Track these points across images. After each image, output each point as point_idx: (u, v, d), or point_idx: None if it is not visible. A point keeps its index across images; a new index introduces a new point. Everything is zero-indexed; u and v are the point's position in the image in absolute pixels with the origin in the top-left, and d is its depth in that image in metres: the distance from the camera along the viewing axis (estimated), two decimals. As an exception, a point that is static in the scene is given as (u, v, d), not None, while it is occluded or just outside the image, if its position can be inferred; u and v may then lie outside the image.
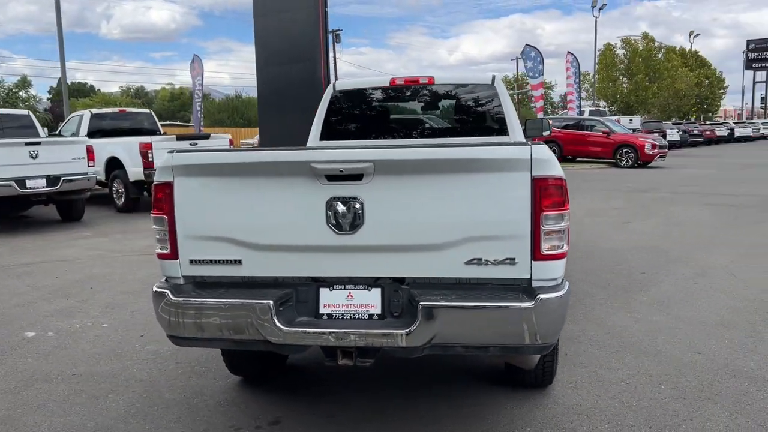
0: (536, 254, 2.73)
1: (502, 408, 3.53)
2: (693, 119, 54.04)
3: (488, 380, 3.89)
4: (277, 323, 2.78)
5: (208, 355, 4.43)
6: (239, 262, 2.95)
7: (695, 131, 40.25)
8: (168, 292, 2.92)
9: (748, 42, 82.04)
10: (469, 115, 5.27)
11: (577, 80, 27.12)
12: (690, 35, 60.74)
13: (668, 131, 33.47)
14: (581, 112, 28.79)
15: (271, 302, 2.79)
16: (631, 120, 33.13)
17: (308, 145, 5.36)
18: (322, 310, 2.91)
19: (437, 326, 2.68)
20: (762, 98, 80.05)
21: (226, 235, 2.92)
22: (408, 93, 5.36)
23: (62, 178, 10.37)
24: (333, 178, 2.78)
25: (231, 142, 13.13)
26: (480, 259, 2.77)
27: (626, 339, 4.56)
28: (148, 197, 13.09)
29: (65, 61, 21.12)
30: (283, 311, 2.83)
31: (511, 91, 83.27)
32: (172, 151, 2.95)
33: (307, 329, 2.79)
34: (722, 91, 62.54)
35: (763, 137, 47.90)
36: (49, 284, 6.72)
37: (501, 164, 2.70)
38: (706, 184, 16.01)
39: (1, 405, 3.75)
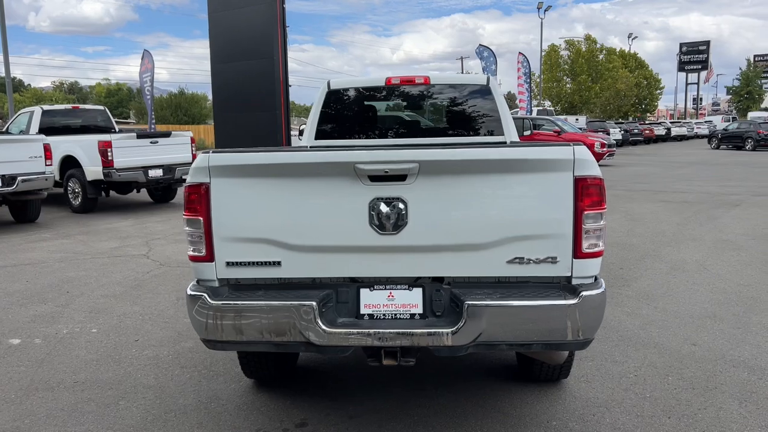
0: (577, 252, 2.80)
1: (523, 403, 3.60)
2: (631, 119, 55.98)
3: (503, 376, 3.97)
4: (321, 324, 2.77)
5: (213, 359, 4.35)
6: (278, 263, 2.91)
7: (635, 130, 41.74)
8: (205, 295, 2.86)
9: (681, 45, 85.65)
10: (466, 115, 5.33)
11: (528, 80, 27.72)
12: (628, 37, 63.06)
13: (611, 130, 34.59)
14: (530, 112, 29.43)
15: (315, 303, 2.77)
16: (577, 119, 34.09)
17: (303, 144, 5.31)
18: (363, 311, 2.90)
19: (483, 325, 2.72)
20: (694, 99, 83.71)
21: (265, 237, 2.88)
22: (403, 93, 5.38)
23: (19, 178, 9.93)
24: (376, 178, 2.78)
25: (193, 140, 12.85)
26: (522, 258, 2.82)
27: (623, 332, 4.72)
28: (105, 197, 12.69)
29: (8, 56, 20.19)
30: (325, 312, 2.82)
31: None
32: (207, 152, 2.89)
33: (352, 330, 2.79)
34: (659, 91, 65.17)
35: (696, 136, 50.06)
36: (21, 289, 6.44)
37: (545, 164, 2.75)
38: (656, 182, 16.64)
39: (4, 416, 3.58)
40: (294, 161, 2.84)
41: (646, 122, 50.07)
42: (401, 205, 2.78)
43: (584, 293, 2.75)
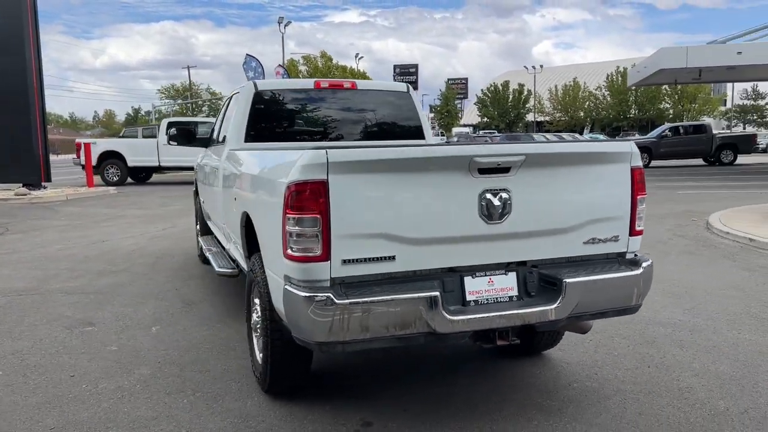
0: (632, 231, 3.34)
1: (535, 375, 4.04)
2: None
3: (498, 354, 4.34)
4: (445, 314, 2.87)
5: (195, 381, 3.99)
6: (393, 258, 2.91)
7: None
8: (331, 294, 2.75)
9: (395, 66, 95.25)
10: (390, 119, 5.57)
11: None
12: (355, 57, 67.86)
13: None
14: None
15: (439, 293, 2.87)
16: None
17: (232, 147, 5.03)
18: (469, 298, 3.05)
19: (578, 298, 3.09)
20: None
21: (381, 232, 2.87)
22: (331, 96, 5.41)
23: None
24: (485, 171, 2.97)
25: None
26: (595, 238, 3.26)
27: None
28: None
29: None
30: (444, 302, 2.91)
31: (181, 100, 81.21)
32: (323, 149, 2.78)
33: (475, 315, 2.94)
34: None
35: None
36: None
37: (616, 157, 3.24)
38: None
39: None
40: (413, 156, 2.89)
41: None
42: (506, 195, 3.02)
43: (644, 264, 3.29)
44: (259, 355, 3.82)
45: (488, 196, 2.99)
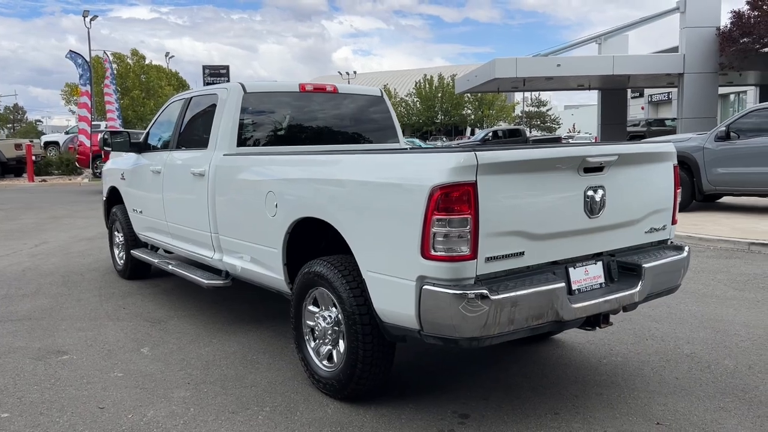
0: (673, 220, 3.86)
1: (568, 355, 4.43)
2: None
3: (520, 342, 4.65)
4: (569, 303, 3.14)
5: (248, 396, 3.81)
6: (522, 253, 3.10)
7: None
8: (486, 291, 2.87)
9: (204, 67, 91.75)
10: (369, 122, 5.61)
11: (117, 91, 26.14)
12: (166, 56, 64.09)
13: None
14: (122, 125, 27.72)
15: (564, 284, 3.12)
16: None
17: (225, 152, 4.79)
18: (574, 287, 3.34)
19: (651, 281, 3.53)
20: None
21: (515, 229, 3.04)
22: (315, 99, 5.32)
23: None
24: (588, 170, 3.28)
25: None
26: (652, 228, 3.73)
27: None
28: None
29: None
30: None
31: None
32: (470, 151, 2.88)
33: (591, 302, 3.25)
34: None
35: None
36: None
37: (666, 156, 3.74)
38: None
39: None
40: (550, 156, 3.13)
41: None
42: (601, 192, 3.35)
43: (686, 248, 3.83)
44: (321, 363, 3.76)
45: (590, 192, 3.30)
